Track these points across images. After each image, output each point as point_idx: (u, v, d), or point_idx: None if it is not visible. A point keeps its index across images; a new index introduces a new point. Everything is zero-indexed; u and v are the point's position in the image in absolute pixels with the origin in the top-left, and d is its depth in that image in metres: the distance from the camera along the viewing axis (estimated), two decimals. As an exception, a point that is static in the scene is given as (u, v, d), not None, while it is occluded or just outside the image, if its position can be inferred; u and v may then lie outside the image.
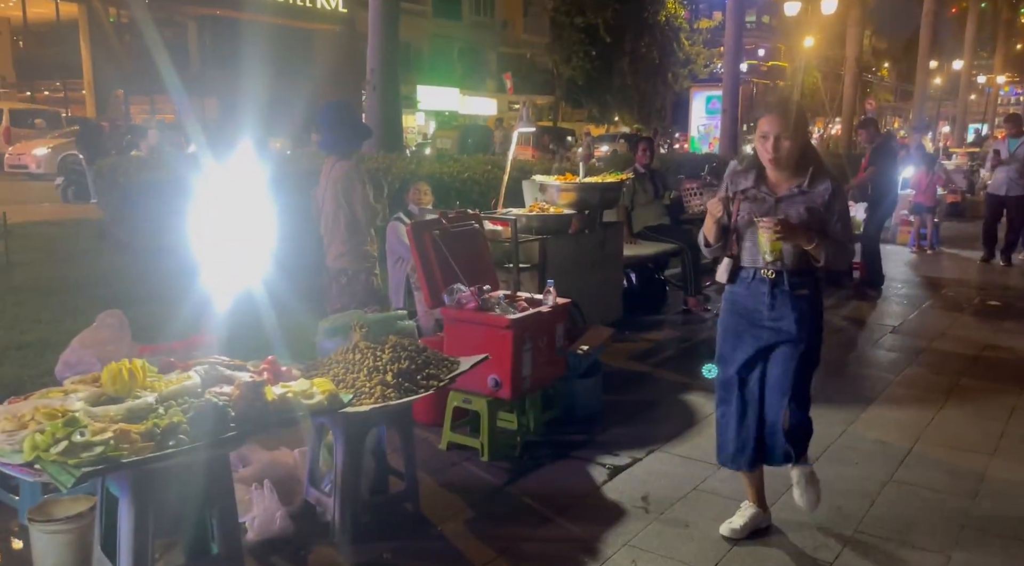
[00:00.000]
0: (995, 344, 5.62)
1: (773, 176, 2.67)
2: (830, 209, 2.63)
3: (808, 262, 2.66)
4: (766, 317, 2.71)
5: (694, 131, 22.61)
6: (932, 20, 29.11)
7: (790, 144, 2.58)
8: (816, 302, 2.76)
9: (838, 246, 2.64)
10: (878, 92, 54.21)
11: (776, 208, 2.63)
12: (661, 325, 6.14)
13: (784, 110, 2.60)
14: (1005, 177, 8.79)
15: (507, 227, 4.20)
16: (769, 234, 2.54)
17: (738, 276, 2.75)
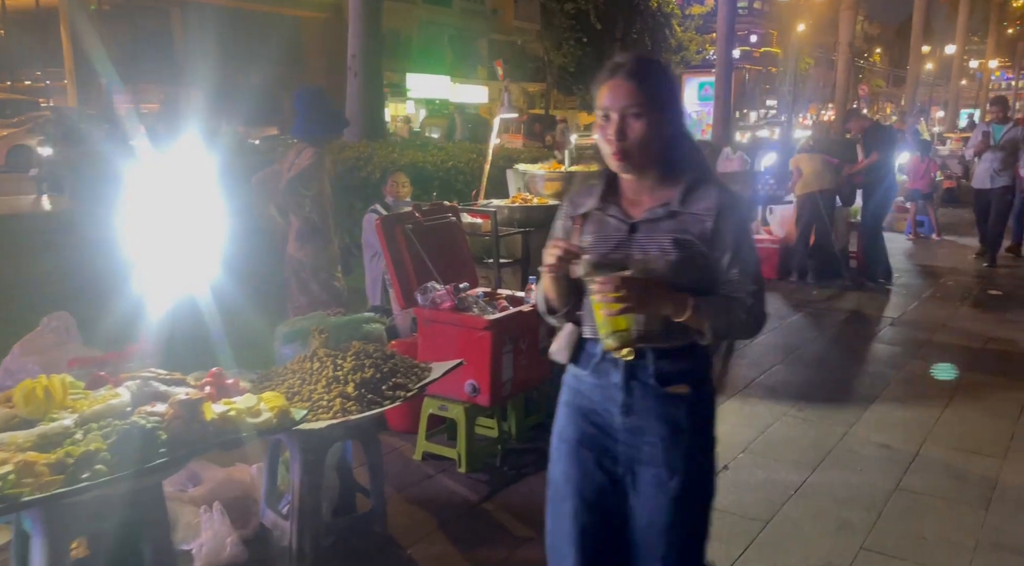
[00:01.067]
0: (998, 336, 5.40)
1: (629, 188, 1.65)
2: (717, 243, 1.56)
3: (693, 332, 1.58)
4: (619, 426, 1.64)
5: (686, 118, 22.29)
6: (925, 4, 28.86)
7: (647, 129, 1.54)
8: (702, 405, 1.65)
9: (733, 307, 1.57)
10: (870, 78, 54.00)
11: (630, 242, 1.59)
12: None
13: (637, 72, 1.55)
14: (988, 168, 8.01)
15: (487, 220, 3.94)
16: (604, 305, 1.49)
17: (582, 353, 1.68)
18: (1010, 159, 7.92)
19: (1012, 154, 7.92)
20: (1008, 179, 7.99)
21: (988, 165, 8.00)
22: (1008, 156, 7.91)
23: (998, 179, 7.96)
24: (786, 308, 6.27)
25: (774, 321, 5.83)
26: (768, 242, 7.46)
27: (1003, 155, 7.89)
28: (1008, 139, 7.88)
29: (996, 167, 7.91)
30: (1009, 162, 7.92)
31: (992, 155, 7.95)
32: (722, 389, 4.33)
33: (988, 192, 8.06)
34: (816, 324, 5.80)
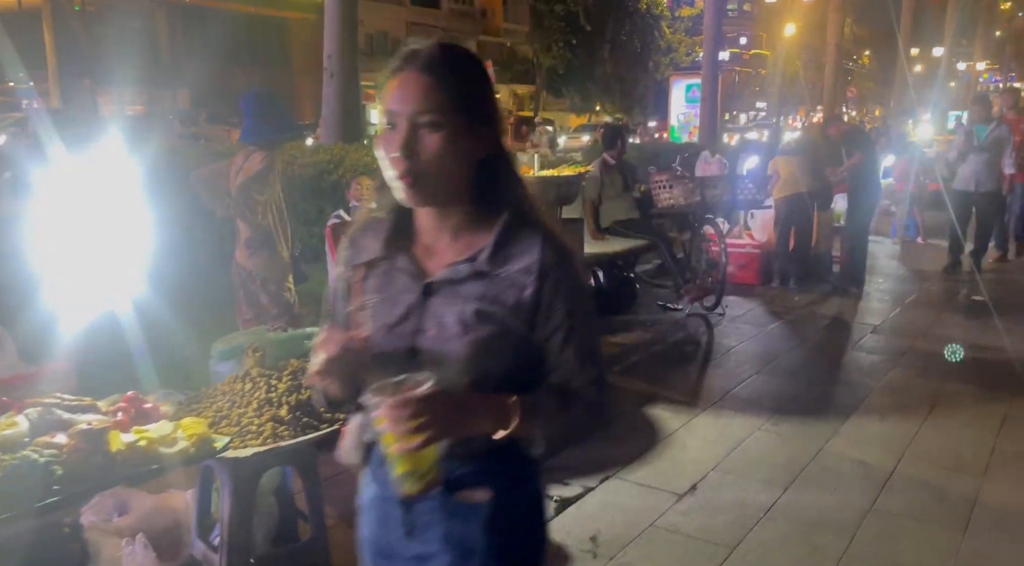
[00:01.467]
0: (980, 343, 5.28)
1: (425, 228, 1.21)
2: (541, 318, 1.16)
3: None
4: (402, 554, 1.24)
5: (674, 120, 22.21)
6: (913, 6, 28.91)
7: (448, 144, 1.11)
8: (511, 518, 1.20)
9: (570, 405, 1.19)
10: (859, 80, 54.16)
11: (423, 310, 1.17)
12: (630, 326, 5.76)
13: (437, 64, 1.12)
14: (973, 170, 7.42)
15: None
16: (396, 436, 1.03)
17: (372, 453, 1.26)
18: (995, 161, 7.48)
19: (998, 155, 7.49)
20: (994, 183, 7.51)
21: (973, 167, 7.46)
22: (993, 157, 7.44)
23: (983, 183, 7.46)
24: (766, 315, 6.14)
25: (753, 329, 5.70)
26: (749, 247, 7.34)
27: (988, 156, 7.40)
28: (993, 139, 7.41)
29: (981, 170, 7.42)
30: (994, 164, 7.47)
31: (976, 157, 7.43)
32: (696, 401, 4.19)
33: (971, 196, 7.54)
34: (796, 332, 5.67)
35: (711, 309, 6.12)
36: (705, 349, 5.28)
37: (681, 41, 38.08)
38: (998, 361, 4.94)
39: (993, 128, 7.47)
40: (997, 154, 7.43)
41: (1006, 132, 7.52)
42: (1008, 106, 8.20)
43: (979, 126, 7.55)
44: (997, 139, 7.42)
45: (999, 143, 7.43)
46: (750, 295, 6.84)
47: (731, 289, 6.93)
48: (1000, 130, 7.49)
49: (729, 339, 5.44)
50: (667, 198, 5.99)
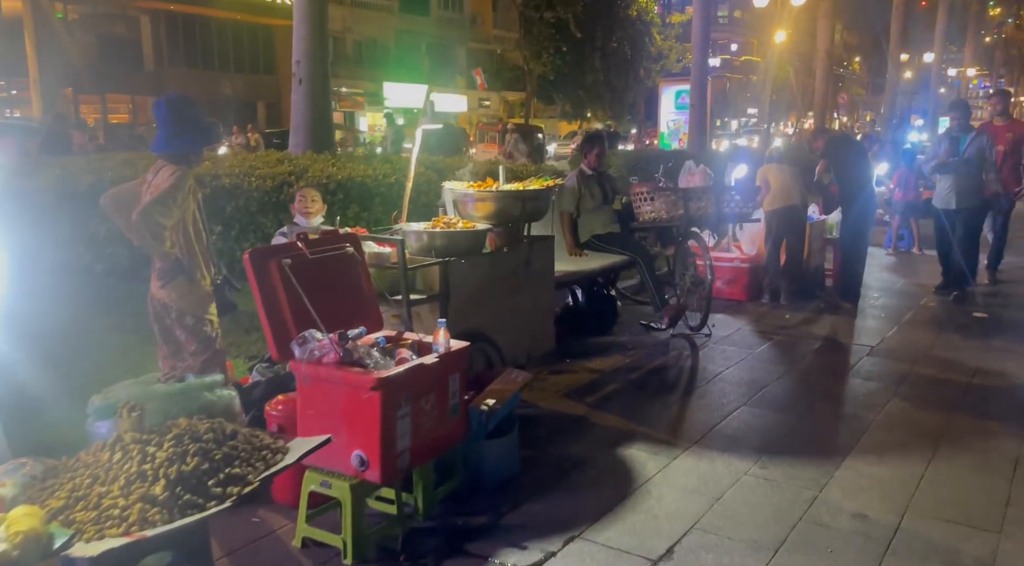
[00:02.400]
0: (985, 367, 4.90)
1: None
2: None
3: None
4: None
5: (664, 127, 21.89)
6: (903, 12, 28.72)
7: None
8: None
9: None
10: (849, 86, 54.06)
11: None
12: (609, 349, 5.35)
13: None
14: (953, 185, 6.65)
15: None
16: None
17: None
18: (977, 174, 6.67)
19: (979, 168, 6.67)
20: (976, 199, 6.69)
21: (952, 182, 6.68)
22: (974, 170, 6.65)
23: (964, 199, 6.65)
24: (754, 336, 5.75)
25: (741, 352, 5.31)
26: (738, 261, 6.95)
27: (967, 169, 6.63)
28: (975, 150, 6.63)
29: (961, 184, 6.62)
30: (976, 178, 6.66)
31: (957, 170, 6.67)
32: (676, 439, 3.78)
33: (953, 213, 6.73)
34: (787, 355, 5.27)
35: (697, 329, 5.72)
36: (688, 376, 4.87)
37: (672, 48, 37.92)
38: (1005, 388, 4.55)
39: (973, 137, 6.70)
40: (978, 166, 6.66)
41: (986, 142, 6.70)
42: (998, 111, 7.45)
43: (963, 136, 6.78)
44: (979, 150, 6.64)
45: (980, 153, 6.64)
46: (739, 312, 6.45)
47: (719, 306, 6.55)
48: (980, 140, 6.67)
49: (715, 364, 5.04)
50: (649, 211, 5.59)
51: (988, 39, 45.58)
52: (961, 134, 6.75)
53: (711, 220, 5.72)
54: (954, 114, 6.97)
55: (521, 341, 4.00)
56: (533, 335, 4.12)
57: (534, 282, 4.09)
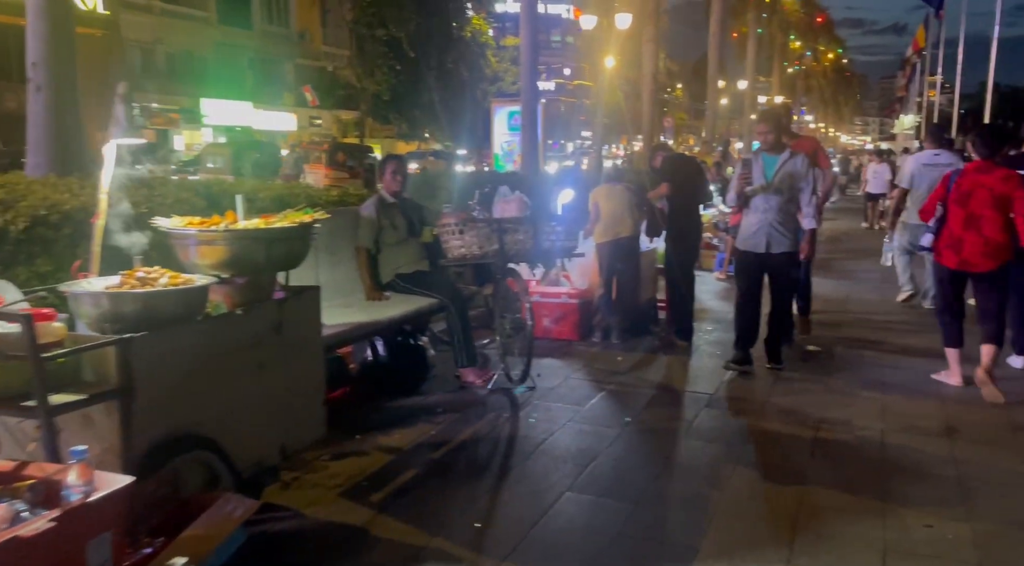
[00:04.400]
0: (828, 417, 4.42)
1: None
2: None
3: None
4: None
5: (498, 148, 21.43)
6: (717, 42, 30.42)
7: None
8: None
9: None
10: (674, 111, 57.22)
11: None
12: (414, 417, 4.39)
13: None
14: (763, 223, 5.08)
15: (45, 318, 2.24)
16: None
17: None
18: (791, 207, 5.11)
19: (793, 200, 5.11)
20: (791, 241, 5.12)
21: (763, 219, 5.09)
22: (787, 202, 5.08)
23: (779, 240, 5.09)
24: (584, 386, 5.01)
25: (568, 409, 4.53)
26: (566, 297, 6.26)
27: (780, 201, 5.06)
28: (785, 175, 5.07)
29: (774, 220, 5.07)
30: (790, 212, 5.11)
31: (766, 202, 5.08)
32: (480, 558, 2.87)
33: (764, 259, 5.14)
34: (619, 411, 4.55)
35: (520, 381, 4.90)
36: (504, 450, 4.00)
37: (507, 70, 38.12)
38: (852, 443, 4.06)
39: (786, 159, 5.12)
40: (792, 198, 5.11)
41: (801, 166, 5.11)
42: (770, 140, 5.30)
43: (766, 156, 5.17)
44: (791, 174, 5.09)
45: (793, 179, 5.09)
46: (568, 356, 5.73)
47: (546, 348, 5.82)
48: (794, 162, 5.11)
49: (538, 428, 4.22)
50: (458, 246, 4.71)
51: (791, 70, 49.77)
52: (771, 154, 5.18)
53: (531, 254, 4.94)
54: (761, 126, 5.24)
55: (268, 436, 2.93)
56: (290, 424, 3.06)
57: (290, 351, 3.04)
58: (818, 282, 8.51)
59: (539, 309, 6.24)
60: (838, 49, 63.20)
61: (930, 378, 5.13)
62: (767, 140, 5.17)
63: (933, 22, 30.85)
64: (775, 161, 5.13)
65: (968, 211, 4.70)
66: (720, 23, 27.91)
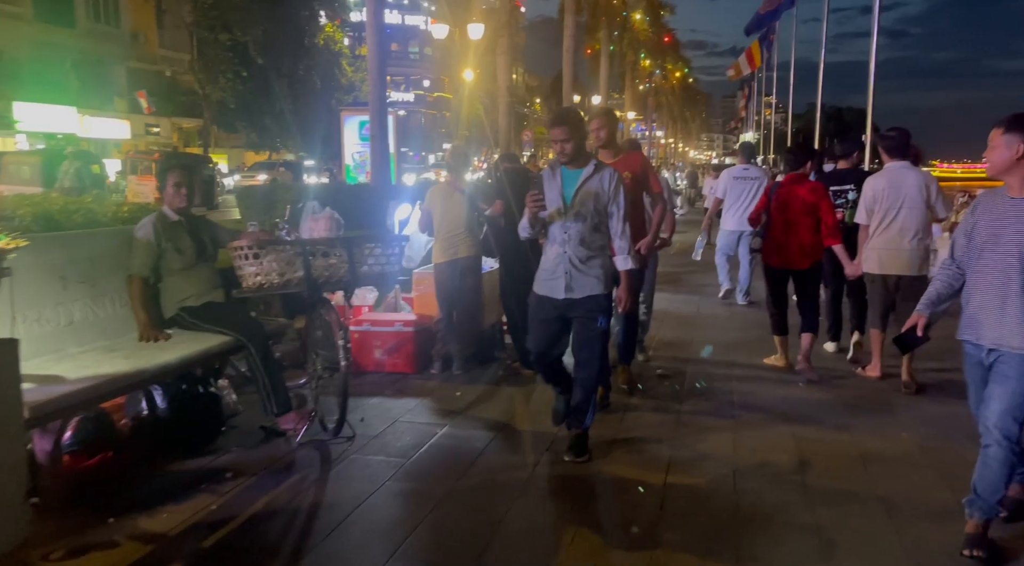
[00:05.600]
0: (678, 457, 4.00)
1: None
2: None
3: None
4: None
5: (349, 159, 20.41)
6: (572, 58, 30.86)
7: None
8: None
9: None
10: (533, 125, 58.04)
11: None
12: (195, 486, 3.54)
13: None
14: (562, 260, 3.80)
15: None
16: None
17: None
18: (598, 237, 3.83)
19: (601, 228, 3.83)
20: (598, 282, 3.80)
21: (559, 251, 3.82)
22: (593, 231, 3.80)
23: (582, 280, 3.80)
24: (413, 431, 4.34)
25: (390, 464, 3.85)
26: (400, 324, 5.58)
27: (583, 229, 3.77)
28: (586, 194, 3.78)
29: (575, 255, 3.78)
30: (599, 243, 3.84)
31: (564, 231, 3.81)
32: None
33: (565, 306, 3.82)
34: (448, 465, 3.90)
35: (336, 431, 4.17)
36: (301, 528, 3.24)
37: (364, 80, 36.99)
38: (706, 489, 3.63)
39: (589, 174, 3.78)
40: (600, 225, 3.81)
41: (608, 183, 3.79)
42: (601, 141, 4.54)
43: (567, 170, 3.84)
44: (595, 195, 3.79)
45: (599, 202, 3.80)
46: (401, 393, 5.05)
47: (378, 383, 5.14)
48: (600, 179, 3.80)
49: (347, 494, 3.49)
50: (253, 274, 3.92)
51: (642, 87, 51.72)
52: (572, 167, 3.84)
53: (348, 281, 4.22)
54: (555, 133, 3.78)
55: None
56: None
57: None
58: (667, 298, 8.36)
59: (370, 340, 5.54)
60: (685, 68, 66.62)
61: (779, 398, 4.93)
62: (564, 149, 3.78)
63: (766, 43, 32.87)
64: (576, 176, 3.80)
65: (786, 218, 5.37)
66: (573, 39, 28.31)
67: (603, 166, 3.88)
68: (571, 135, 3.79)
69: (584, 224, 3.77)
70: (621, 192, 3.83)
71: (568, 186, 3.81)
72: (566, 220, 3.78)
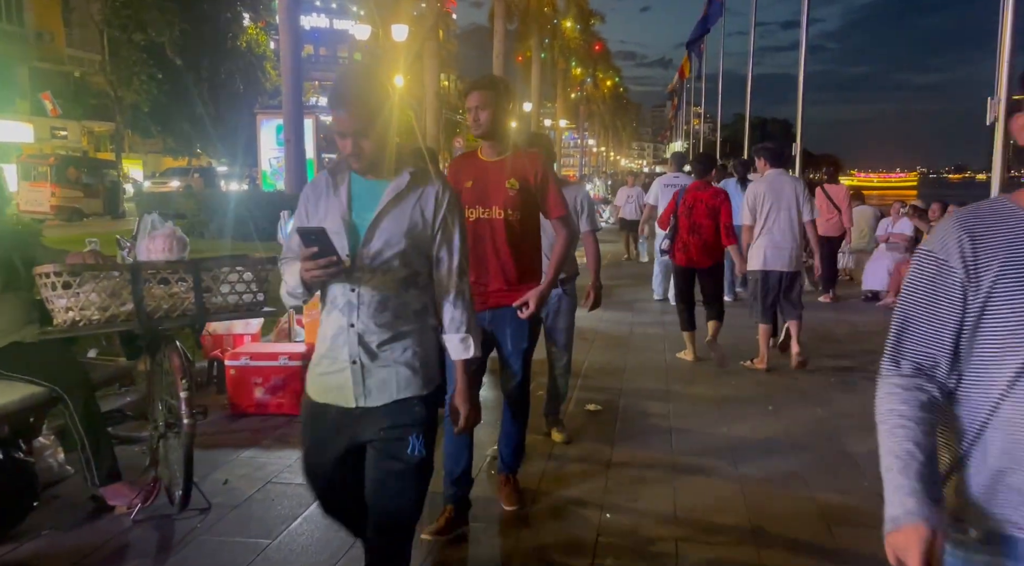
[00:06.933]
0: (610, 526, 3.32)
1: None
2: None
3: None
4: None
5: (265, 164, 19.30)
6: (502, 63, 30.35)
7: None
8: None
9: None
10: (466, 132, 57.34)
11: None
12: None
13: None
14: (349, 343, 2.08)
15: None
16: None
17: None
18: (412, 298, 2.31)
19: (418, 285, 2.20)
20: (416, 381, 2.13)
21: (342, 324, 2.23)
22: (402, 292, 2.16)
23: (383, 382, 2.14)
24: (287, 497, 3.51)
25: (247, 549, 3.02)
26: (286, 357, 4.74)
27: (378, 296, 2.15)
28: (392, 229, 2.13)
29: (371, 332, 2.14)
30: (409, 307, 2.35)
31: (347, 297, 2.13)
32: None
33: (353, 420, 2.22)
34: (325, 556, 3.11)
35: (183, 504, 3.31)
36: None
37: (289, 83, 35.52)
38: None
39: (401, 188, 2.08)
40: (414, 277, 2.16)
41: (431, 207, 2.13)
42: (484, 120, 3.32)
43: (359, 179, 2.14)
44: (405, 227, 2.18)
45: (418, 241, 2.17)
46: (283, 441, 4.22)
47: (255, 429, 4.30)
48: (424, 196, 2.13)
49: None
50: (64, 308, 3.03)
51: (574, 95, 51.69)
52: (368, 175, 2.23)
53: (193, 315, 3.36)
54: (339, 116, 2.06)
55: None
56: None
57: None
58: (597, 315, 7.74)
59: (249, 376, 4.69)
60: (615, 77, 67.13)
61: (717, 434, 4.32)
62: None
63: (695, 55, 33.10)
64: (376, 192, 2.09)
65: (692, 221, 5.81)
66: (504, 45, 27.79)
67: (426, 177, 2.12)
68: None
69: (387, 277, 2.05)
70: (457, 224, 2.13)
71: (360, 209, 2.07)
72: (355, 271, 2.04)
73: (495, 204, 3.09)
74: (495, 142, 3.15)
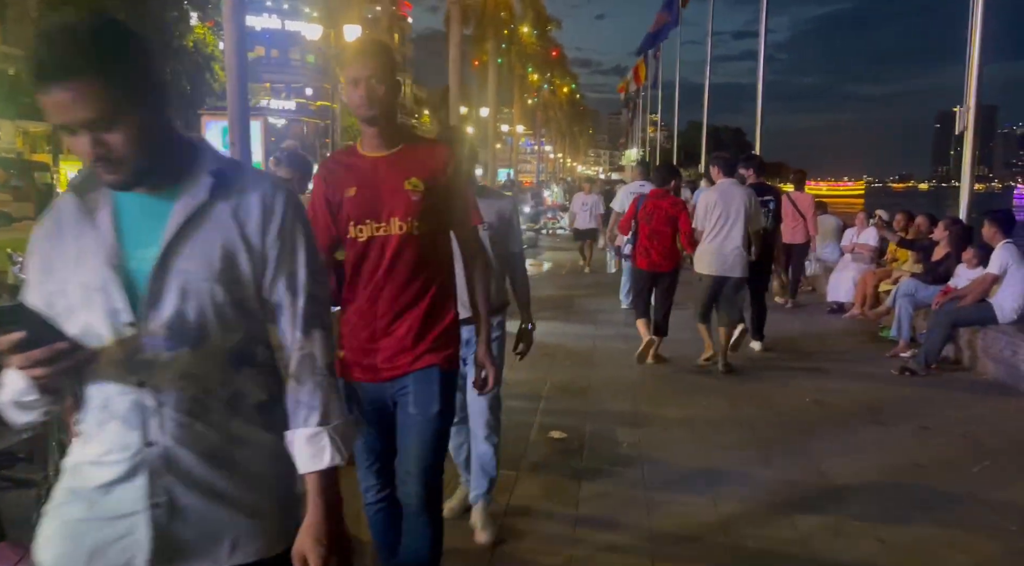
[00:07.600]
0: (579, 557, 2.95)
1: None
2: None
3: None
4: None
5: (211, 169, 18.51)
6: (458, 68, 29.95)
7: None
8: None
9: None
10: (422, 137, 56.72)
11: None
12: None
13: None
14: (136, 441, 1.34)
15: None
16: None
17: None
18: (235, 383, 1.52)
19: (244, 359, 1.43)
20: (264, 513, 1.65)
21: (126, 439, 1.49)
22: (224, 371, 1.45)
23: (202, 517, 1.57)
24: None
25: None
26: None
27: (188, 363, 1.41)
28: (188, 270, 1.37)
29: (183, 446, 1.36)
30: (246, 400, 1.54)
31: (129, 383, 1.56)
32: None
33: None
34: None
35: None
36: None
37: (241, 86, 34.62)
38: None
39: (200, 203, 1.29)
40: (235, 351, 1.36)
41: (257, 228, 1.34)
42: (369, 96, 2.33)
43: (131, 198, 1.37)
44: (216, 269, 1.36)
45: (240, 287, 1.43)
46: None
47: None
48: (230, 217, 1.32)
49: None
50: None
51: (531, 101, 51.53)
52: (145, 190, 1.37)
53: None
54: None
55: None
56: None
57: None
58: (559, 328, 7.40)
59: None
60: (572, 84, 67.33)
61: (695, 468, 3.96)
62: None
63: (652, 61, 33.23)
64: (160, 215, 1.27)
65: (652, 227, 6.09)
66: (459, 48, 27.40)
67: (242, 178, 1.32)
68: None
69: (198, 354, 1.27)
70: (302, 242, 1.35)
71: (136, 243, 1.28)
72: (140, 350, 1.24)
73: (394, 214, 2.15)
74: (386, 128, 2.21)
